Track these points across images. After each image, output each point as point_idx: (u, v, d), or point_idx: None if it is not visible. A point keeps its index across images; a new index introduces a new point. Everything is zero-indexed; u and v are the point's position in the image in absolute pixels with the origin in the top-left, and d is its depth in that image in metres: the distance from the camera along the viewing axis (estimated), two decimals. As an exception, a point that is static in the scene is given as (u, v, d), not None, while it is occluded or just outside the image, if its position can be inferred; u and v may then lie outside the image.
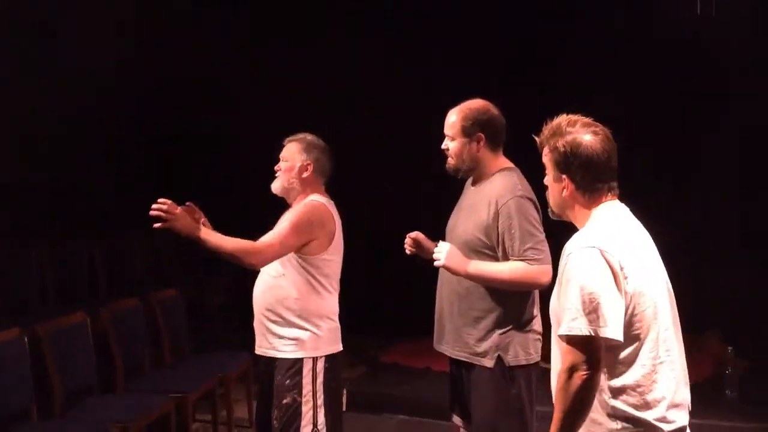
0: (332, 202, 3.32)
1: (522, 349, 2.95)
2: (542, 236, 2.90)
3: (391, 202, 6.96)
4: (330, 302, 3.27)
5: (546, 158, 2.16)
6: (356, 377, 5.78)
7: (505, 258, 2.91)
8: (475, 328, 2.97)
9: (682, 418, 2.07)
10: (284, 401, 3.15)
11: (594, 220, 2.11)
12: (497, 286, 2.92)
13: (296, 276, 3.16)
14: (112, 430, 3.70)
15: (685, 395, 2.10)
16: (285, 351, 3.17)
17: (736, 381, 5.46)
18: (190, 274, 6.75)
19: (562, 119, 2.13)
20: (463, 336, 3.00)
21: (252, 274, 3.29)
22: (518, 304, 2.96)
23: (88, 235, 6.12)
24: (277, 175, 3.29)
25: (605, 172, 2.11)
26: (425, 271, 3.36)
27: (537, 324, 3.02)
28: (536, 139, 2.18)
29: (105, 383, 4.33)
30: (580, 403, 1.98)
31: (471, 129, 2.97)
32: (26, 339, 3.76)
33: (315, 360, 3.18)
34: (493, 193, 2.94)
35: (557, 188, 2.15)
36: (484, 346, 2.95)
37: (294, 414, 3.14)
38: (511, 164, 3.06)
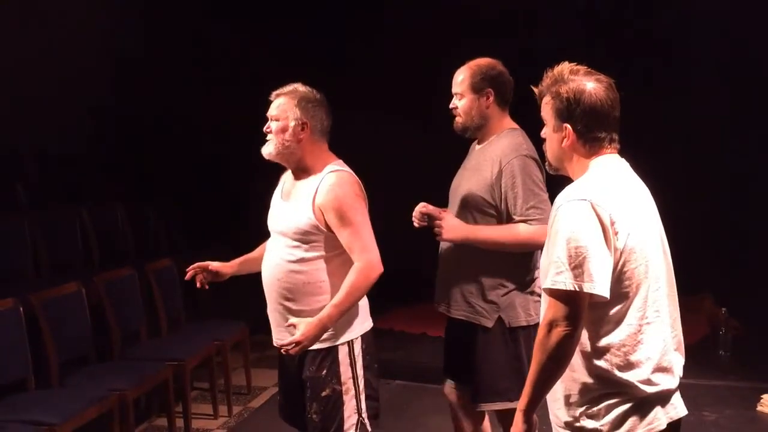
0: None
1: (523, 310, 2.96)
2: (545, 196, 2.89)
3: (384, 165, 6.92)
4: None
5: (547, 106, 2.07)
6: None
7: (508, 217, 2.90)
8: (476, 288, 2.97)
9: (668, 381, 2.00)
10: (323, 394, 2.75)
11: (590, 171, 2.03)
12: (500, 249, 2.91)
13: (327, 256, 2.73)
14: (109, 397, 3.71)
15: (673, 359, 2.02)
16: (317, 343, 2.73)
17: (729, 341, 5.52)
18: (183, 244, 6.73)
19: (564, 67, 2.06)
20: (464, 295, 3.00)
21: (248, 245, 3.04)
22: (520, 265, 2.97)
23: (78, 204, 6.07)
24: (267, 138, 2.81)
25: (608, 121, 2.03)
26: (422, 236, 3.33)
27: (537, 286, 3.01)
28: (535, 89, 2.11)
29: (102, 352, 4.33)
30: (557, 359, 1.92)
31: (480, 84, 2.97)
32: (21, 309, 3.74)
33: (351, 344, 2.77)
34: (498, 153, 2.94)
35: (557, 138, 2.07)
36: (485, 305, 2.96)
37: (335, 406, 2.75)
38: (516, 125, 3.04)
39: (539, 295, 2.98)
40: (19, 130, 6.23)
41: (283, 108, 2.77)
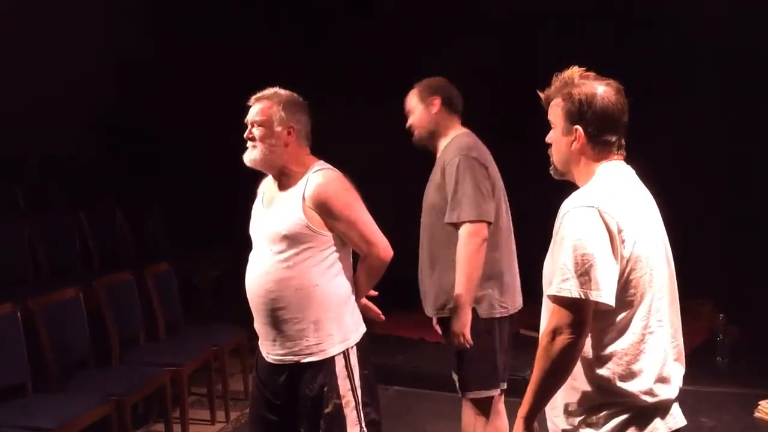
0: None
1: (497, 304, 3.20)
2: (484, 192, 3.09)
3: (380, 171, 6.92)
4: (350, 278, 2.76)
5: (557, 108, 2.06)
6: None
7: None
8: (450, 281, 3.16)
9: (668, 392, 1.99)
10: (326, 411, 2.64)
11: (597, 178, 2.02)
12: (477, 273, 3.11)
13: (317, 259, 2.63)
14: (108, 402, 3.71)
15: (673, 370, 2.01)
16: (312, 354, 2.65)
17: (727, 348, 5.52)
18: (182, 248, 6.73)
19: (575, 71, 2.06)
20: (441, 290, 3.20)
21: (246, 249, 2.81)
22: (489, 263, 3.18)
23: (77, 208, 6.07)
24: (250, 144, 2.68)
25: (618, 125, 2.03)
26: (418, 241, 3.37)
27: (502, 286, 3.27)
28: (541, 93, 2.10)
29: (100, 357, 4.32)
30: (559, 367, 1.91)
31: (428, 92, 3.23)
32: (19, 314, 3.74)
33: (346, 353, 2.66)
34: (444, 156, 3.18)
35: (566, 141, 2.05)
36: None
37: (337, 421, 2.64)
38: (465, 129, 3.27)
39: (501, 293, 3.25)
40: (18, 134, 6.24)
41: (268, 113, 2.66)
